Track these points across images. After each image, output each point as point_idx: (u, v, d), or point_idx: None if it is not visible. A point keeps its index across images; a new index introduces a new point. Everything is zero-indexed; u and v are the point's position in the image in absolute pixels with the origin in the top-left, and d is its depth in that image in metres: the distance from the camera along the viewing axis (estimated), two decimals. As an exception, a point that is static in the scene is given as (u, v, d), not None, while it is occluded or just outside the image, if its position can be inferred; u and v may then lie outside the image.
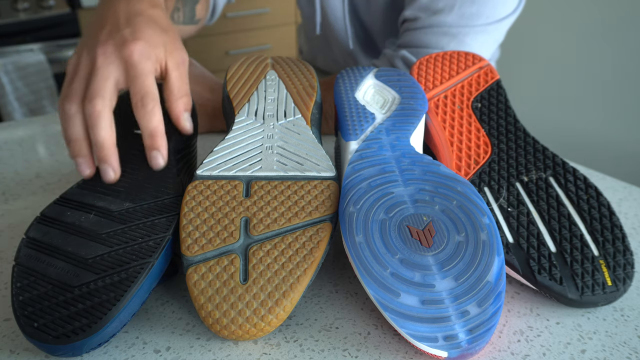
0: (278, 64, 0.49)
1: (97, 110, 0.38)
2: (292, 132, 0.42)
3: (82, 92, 0.39)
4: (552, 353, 0.33)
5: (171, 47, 0.43)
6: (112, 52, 0.40)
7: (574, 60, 1.44)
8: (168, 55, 0.42)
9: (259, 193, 0.37)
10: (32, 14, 1.53)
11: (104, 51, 0.40)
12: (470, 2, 0.57)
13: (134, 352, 0.34)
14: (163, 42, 0.42)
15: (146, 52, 0.40)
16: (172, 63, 0.42)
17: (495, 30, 0.60)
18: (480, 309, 0.31)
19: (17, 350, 0.34)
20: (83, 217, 0.37)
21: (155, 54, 0.41)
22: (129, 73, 0.40)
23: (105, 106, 0.38)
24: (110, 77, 0.39)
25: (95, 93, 0.38)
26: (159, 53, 0.41)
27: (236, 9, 1.78)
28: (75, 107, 0.39)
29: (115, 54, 0.40)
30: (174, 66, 0.43)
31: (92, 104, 0.38)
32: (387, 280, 0.32)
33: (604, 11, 1.34)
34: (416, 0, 0.60)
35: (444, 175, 0.38)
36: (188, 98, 0.44)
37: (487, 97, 0.47)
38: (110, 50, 0.40)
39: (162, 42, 0.42)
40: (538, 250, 0.37)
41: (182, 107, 0.43)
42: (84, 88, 0.39)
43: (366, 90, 0.47)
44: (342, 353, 0.33)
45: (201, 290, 0.33)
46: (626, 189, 0.53)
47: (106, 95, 0.39)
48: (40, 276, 0.33)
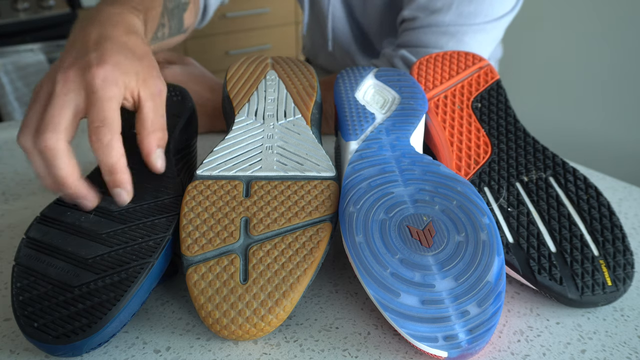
0: (278, 64, 0.49)
1: (48, 147, 0.34)
2: (292, 132, 0.42)
3: (36, 124, 0.35)
4: (552, 353, 0.33)
5: (145, 76, 0.39)
6: (73, 78, 0.36)
7: (574, 60, 1.44)
8: (141, 84, 0.38)
9: (259, 193, 0.37)
10: (32, 14, 1.53)
11: (64, 77, 0.36)
12: (468, 1, 0.58)
13: (134, 352, 0.34)
14: (135, 70, 0.38)
15: (111, 77, 0.36)
16: (145, 93, 0.39)
17: (494, 29, 0.60)
18: (480, 309, 0.31)
19: (17, 350, 0.34)
20: (83, 217, 0.37)
21: (123, 81, 0.37)
22: (89, 99, 0.36)
23: (58, 140, 0.34)
24: (66, 105, 0.35)
25: (46, 126, 0.34)
26: (129, 81, 0.38)
27: (236, 9, 1.78)
28: (30, 141, 0.35)
29: (76, 79, 0.36)
30: (148, 96, 0.39)
31: (42, 139, 0.34)
32: (387, 280, 0.32)
33: (603, 11, 1.34)
34: (414, 0, 0.60)
35: (444, 175, 0.38)
36: (162, 133, 0.40)
37: (487, 97, 0.47)
38: (71, 76, 0.36)
39: (134, 70, 0.38)
40: (538, 250, 0.37)
41: (154, 143, 0.39)
42: (39, 119, 0.35)
43: (366, 90, 0.47)
44: (342, 353, 0.33)
45: (201, 290, 0.33)
46: (626, 189, 0.53)
47: (59, 127, 0.35)
48: (40, 276, 0.33)
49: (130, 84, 0.38)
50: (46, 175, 0.35)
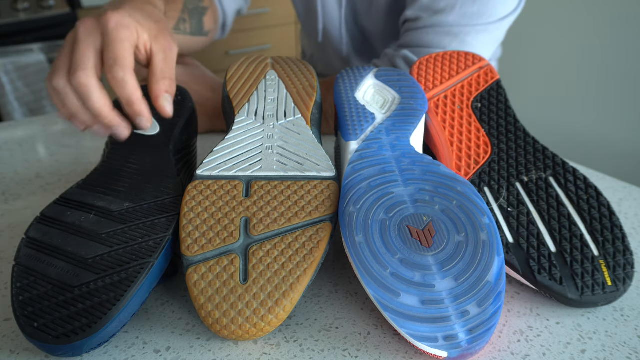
0: (278, 64, 0.49)
1: (82, 83, 0.38)
2: (292, 132, 0.42)
3: (67, 65, 0.39)
4: (552, 353, 0.33)
5: (158, 33, 0.43)
6: (90, 24, 0.40)
7: (574, 60, 1.44)
8: (153, 39, 0.42)
9: (259, 193, 0.37)
10: (32, 14, 1.53)
11: (84, 24, 0.40)
12: (472, 1, 0.58)
13: (134, 352, 0.34)
14: (149, 26, 0.42)
15: (124, 21, 0.40)
16: (157, 47, 0.42)
17: (497, 29, 0.60)
18: (480, 309, 0.31)
19: (17, 350, 0.34)
20: (83, 217, 0.37)
21: (136, 28, 0.41)
22: (104, 41, 0.39)
23: (88, 76, 0.38)
24: (89, 46, 0.39)
25: (77, 65, 0.38)
26: (141, 31, 0.41)
27: (236, 9, 1.78)
28: (63, 82, 0.39)
29: (94, 24, 0.40)
30: (159, 49, 0.42)
31: (75, 77, 0.38)
32: (387, 280, 0.32)
33: (603, 11, 1.34)
34: (417, 0, 0.60)
35: (444, 175, 0.38)
36: (171, 81, 0.43)
37: (487, 97, 0.47)
38: (89, 22, 0.40)
39: (147, 25, 0.42)
40: (538, 250, 0.37)
41: (162, 88, 0.42)
42: (69, 62, 0.39)
43: (366, 90, 0.47)
44: (342, 353, 0.33)
45: (201, 290, 0.33)
46: (626, 189, 0.53)
47: (88, 65, 0.38)
48: (40, 276, 0.33)
49: (142, 35, 0.41)
50: (81, 111, 0.40)
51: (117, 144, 0.43)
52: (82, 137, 0.66)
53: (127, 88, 0.39)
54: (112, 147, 0.43)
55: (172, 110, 0.43)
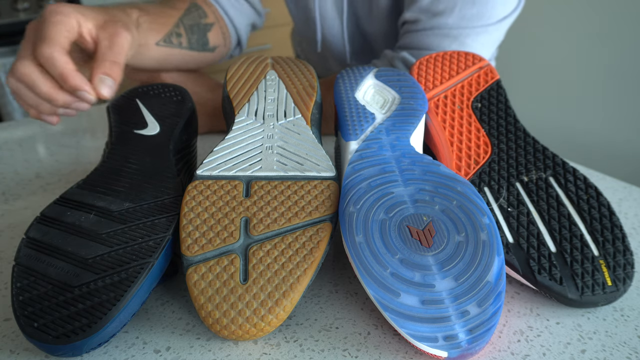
0: (278, 64, 0.49)
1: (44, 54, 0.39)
2: (292, 132, 0.42)
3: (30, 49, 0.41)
4: (552, 353, 0.33)
5: (105, 23, 0.43)
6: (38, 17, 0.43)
7: (574, 60, 1.44)
8: (99, 28, 0.43)
9: (259, 193, 0.37)
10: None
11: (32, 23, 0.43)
12: (471, 3, 0.57)
13: (134, 352, 0.34)
14: (94, 17, 0.43)
15: (60, 8, 0.42)
16: (102, 34, 0.43)
17: (496, 30, 0.60)
18: (480, 309, 0.31)
19: (17, 350, 0.34)
20: (83, 217, 0.37)
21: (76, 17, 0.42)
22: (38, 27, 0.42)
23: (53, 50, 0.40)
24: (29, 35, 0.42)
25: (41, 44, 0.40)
26: (84, 20, 0.42)
27: (236, 9, 1.78)
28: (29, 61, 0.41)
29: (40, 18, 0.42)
30: (104, 36, 0.43)
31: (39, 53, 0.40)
32: (387, 280, 0.32)
33: (604, 11, 1.34)
34: (416, 2, 0.60)
35: (444, 175, 0.38)
36: (112, 64, 0.42)
37: (487, 97, 0.47)
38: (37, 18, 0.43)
39: (93, 15, 0.43)
40: (538, 250, 0.37)
41: (102, 70, 0.42)
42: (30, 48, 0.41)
43: (366, 90, 0.47)
44: (342, 353, 0.33)
45: (201, 290, 0.33)
46: (626, 189, 0.53)
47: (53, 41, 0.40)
48: (40, 276, 0.33)
49: (86, 23, 0.42)
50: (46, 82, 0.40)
51: (117, 143, 0.43)
52: (82, 137, 0.66)
53: (57, 64, 0.39)
54: (112, 147, 0.43)
55: (109, 93, 0.43)
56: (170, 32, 0.58)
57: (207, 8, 0.65)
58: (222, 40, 0.68)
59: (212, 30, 0.65)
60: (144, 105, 0.46)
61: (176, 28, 0.60)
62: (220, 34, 0.67)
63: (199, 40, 0.63)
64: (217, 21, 0.67)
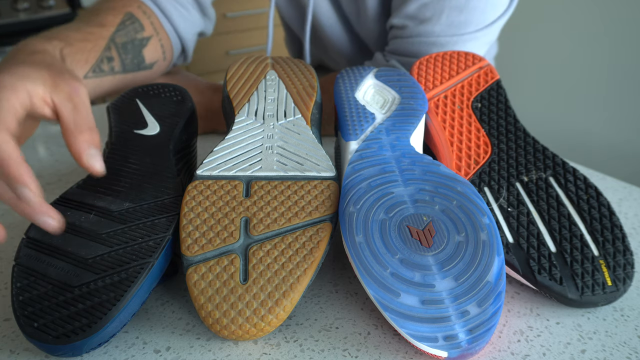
0: (278, 64, 0.49)
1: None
2: (292, 132, 0.42)
3: None
4: (552, 353, 0.33)
5: (55, 80, 0.36)
6: None
7: (574, 60, 1.44)
8: (52, 89, 0.36)
9: (259, 193, 0.37)
10: (32, 14, 1.53)
11: None
12: (459, 10, 0.56)
13: (134, 352, 0.34)
14: (41, 76, 0.36)
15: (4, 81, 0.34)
16: (59, 97, 0.36)
17: (485, 35, 0.59)
18: (480, 309, 0.31)
19: (17, 350, 0.34)
20: (83, 217, 0.37)
21: (23, 86, 0.35)
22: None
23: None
24: None
25: None
26: (32, 87, 0.35)
27: (236, 9, 1.78)
28: None
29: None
30: (63, 99, 0.36)
31: None
32: (387, 280, 0.32)
33: (604, 11, 1.34)
34: (403, 8, 0.58)
35: (444, 175, 0.38)
36: (91, 132, 0.36)
37: (487, 97, 0.47)
38: None
39: (38, 76, 0.36)
40: (538, 250, 0.37)
41: (84, 144, 0.35)
42: None
43: (366, 90, 0.47)
44: (342, 353, 0.33)
45: (201, 290, 0.33)
46: (626, 189, 0.53)
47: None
48: (40, 276, 0.33)
49: (36, 90, 0.35)
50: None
51: (117, 143, 0.43)
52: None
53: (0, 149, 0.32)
54: (112, 147, 0.43)
55: (102, 167, 0.36)
56: (100, 59, 0.51)
57: (144, 19, 0.57)
58: (161, 54, 0.60)
59: (148, 45, 0.58)
60: (143, 105, 0.46)
61: (106, 52, 0.52)
62: (159, 46, 0.59)
63: (134, 59, 0.56)
64: (155, 33, 0.59)
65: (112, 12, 0.55)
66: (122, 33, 0.54)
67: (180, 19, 0.61)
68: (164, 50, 0.60)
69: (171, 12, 0.60)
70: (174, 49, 0.62)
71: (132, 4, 0.57)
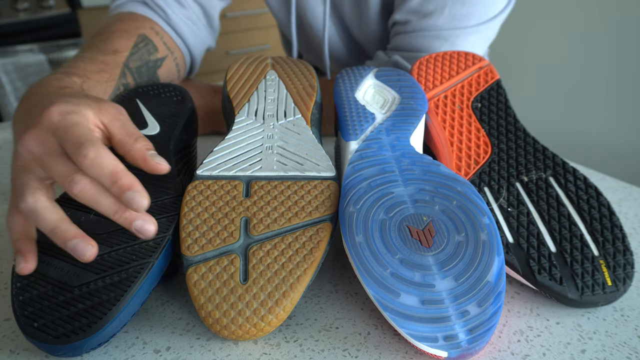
0: (278, 64, 0.49)
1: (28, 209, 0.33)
2: (292, 132, 0.42)
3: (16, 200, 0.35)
4: (552, 353, 0.33)
5: (98, 105, 0.37)
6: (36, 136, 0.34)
7: (574, 61, 1.44)
8: (99, 112, 0.37)
9: (259, 193, 0.37)
10: (32, 14, 1.53)
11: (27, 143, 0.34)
12: (461, 3, 0.57)
13: (134, 352, 0.34)
14: (86, 103, 0.37)
15: (66, 108, 0.35)
16: (107, 118, 0.37)
17: (487, 29, 0.60)
18: (480, 309, 0.31)
19: (17, 350, 0.34)
20: (83, 217, 0.36)
21: (80, 110, 0.35)
22: (57, 137, 0.34)
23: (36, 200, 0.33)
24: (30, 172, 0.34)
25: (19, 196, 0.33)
26: (86, 112, 0.36)
27: (236, 9, 1.78)
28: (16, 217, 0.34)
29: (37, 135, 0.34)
30: (112, 118, 0.37)
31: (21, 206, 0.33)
32: (387, 280, 0.32)
33: (604, 11, 1.34)
34: (406, 3, 0.59)
35: (444, 175, 0.38)
36: (144, 140, 0.37)
37: (487, 97, 0.47)
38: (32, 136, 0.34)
39: (84, 103, 0.37)
40: (538, 250, 0.37)
41: (143, 149, 0.36)
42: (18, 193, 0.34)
43: (366, 90, 0.47)
44: (342, 353, 0.33)
45: (201, 290, 0.33)
46: (626, 189, 0.53)
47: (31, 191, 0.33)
48: (40, 276, 0.33)
49: (88, 114, 0.36)
50: None
51: None
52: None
53: (105, 163, 0.32)
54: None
55: (167, 165, 0.37)
56: (116, 87, 0.51)
57: (156, 39, 0.57)
58: (176, 73, 0.61)
59: (162, 66, 0.58)
60: (144, 105, 0.46)
61: (122, 78, 0.52)
62: (174, 66, 0.60)
63: (149, 82, 0.56)
64: (170, 53, 0.59)
65: (126, 35, 0.54)
66: (136, 57, 0.54)
67: (193, 36, 0.62)
68: (178, 69, 0.61)
69: (184, 30, 0.60)
70: (187, 66, 0.63)
71: (145, 25, 0.57)
